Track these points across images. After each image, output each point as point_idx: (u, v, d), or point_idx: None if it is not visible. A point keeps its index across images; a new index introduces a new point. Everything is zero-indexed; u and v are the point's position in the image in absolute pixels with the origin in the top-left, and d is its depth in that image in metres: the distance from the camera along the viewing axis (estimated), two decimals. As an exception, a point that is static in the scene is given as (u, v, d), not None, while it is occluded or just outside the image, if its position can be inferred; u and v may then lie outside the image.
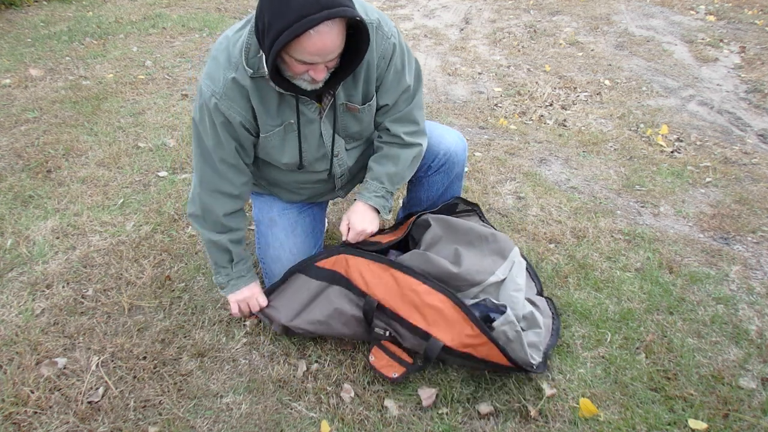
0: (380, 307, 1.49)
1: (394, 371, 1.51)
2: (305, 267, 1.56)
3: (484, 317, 1.49)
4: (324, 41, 1.14)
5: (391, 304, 1.48)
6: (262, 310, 1.59)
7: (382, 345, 1.56)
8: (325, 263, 1.55)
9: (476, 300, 1.54)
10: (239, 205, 1.51)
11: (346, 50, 1.23)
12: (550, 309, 1.72)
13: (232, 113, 1.33)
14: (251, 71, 1.28)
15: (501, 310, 1.48)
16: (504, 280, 1.56)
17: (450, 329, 1.43)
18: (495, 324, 1.45)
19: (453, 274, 1.51)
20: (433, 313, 1.44)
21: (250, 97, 1.32)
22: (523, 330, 1.48)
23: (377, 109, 1.50)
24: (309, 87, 1.29)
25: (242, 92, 1.31)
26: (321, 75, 1.23)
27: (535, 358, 1.49)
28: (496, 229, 1.80)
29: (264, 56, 1.22)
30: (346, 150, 1.55)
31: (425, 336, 1.45)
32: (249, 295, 1.58)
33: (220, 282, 1.59)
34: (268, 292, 1.61)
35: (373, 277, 1.50)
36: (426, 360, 1.47)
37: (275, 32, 1.11)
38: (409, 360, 1.54)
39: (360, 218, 1.57)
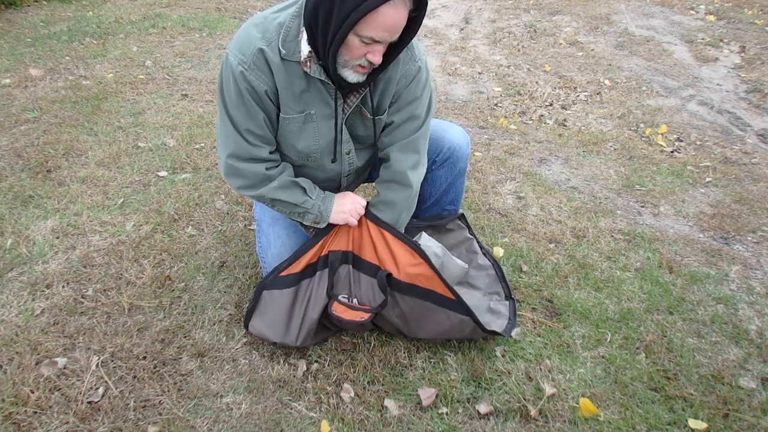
0: (344, 254, 1.57)
1: (361, 316, 1.52)
2: (271, 282, 1.57)
3: None
4: (399, 14, 1.17)
5: (353, 249, 1.57)
6: (252, 330, 1.61)
7: (340, 301, 1.57)
8: (291, 269, 1.56)
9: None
10: (276, 163, 1.49)
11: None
12: (510, 312, 1.71)
13: (258, 82, 1.33)
14: (284, 52, 1.29)
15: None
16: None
17: (396, 261, 1.52)
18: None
19: None
20: (382, 248, 1.53)
21: (274, 74, 1.32)
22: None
23: (385, 126, 1.52)
24: (354, 78, 1.30)
25: (268, 66, 1.32)
26: (378, 57, 1.24)
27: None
28: (479, 243, 1.88)
29: (307, 38, 1.26)
30: (356, 150, 1.56)
31: (376, 271, 1.52)
32: (350, 202, 1.52)
33: (312, 218, 1.52)
34: (248, 316, 1.61)
35: (337, 237, 1.57)
36: (382, 291, 1.52)
37: (351, 5, 1.13)
38: (367, 307, 1.56)
39: None
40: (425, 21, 4.93)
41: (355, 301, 1.57)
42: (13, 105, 3.16)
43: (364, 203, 1.55)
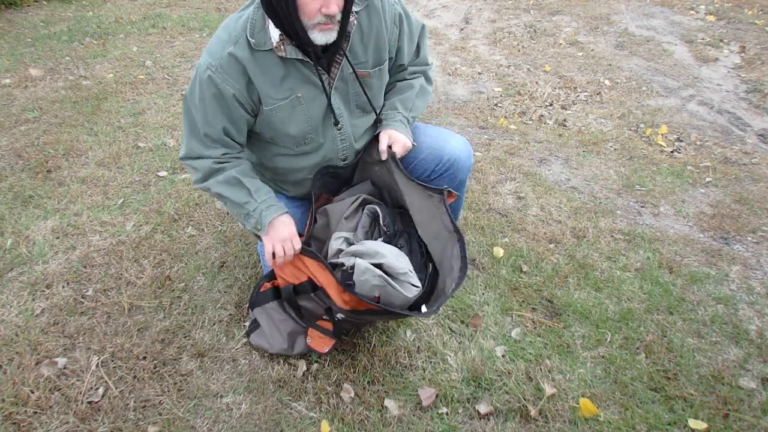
0: (296, 287, 1.51)
1: (326, 345, 1.54)
2: (255, 299, 1.63)
3: (345, 276, 1.46)
4: None
5: (301, 279, 1.51)
6: (253, 343, 1.63)
7: (316, 325, 1.56)
8: (267, 285, 1.61)
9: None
10: (227, 158, 1.48)
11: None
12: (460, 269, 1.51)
13: (225, 86, 1.34)
14: (254, 41, 1.32)
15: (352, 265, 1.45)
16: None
17: (331, 290, 1.42)
18: (354, 277, 1.42)
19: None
20: (323, 279, 1.44)
21: (248, 71, 1.34)
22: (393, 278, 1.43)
23: (394, 68, 1.58)
24: (323, 39, 1.30)
25: (238, 66, 1.34)
26: (333, 8, 1.25)
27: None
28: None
29: (274, 24, 1.29)
30: (352, 125, 1.54)
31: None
32: (287, 236, 1.44)
33: (252, 224, 1.47)
34: (249, 333, 1.65)
35: (284, 271, 1.53)
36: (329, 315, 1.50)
37: None
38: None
39: (399, 133, 1.55)
40: (425, 21, 4.93)
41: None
42: (13, 105, 3.16)
43: (299, 248, 1.45)
